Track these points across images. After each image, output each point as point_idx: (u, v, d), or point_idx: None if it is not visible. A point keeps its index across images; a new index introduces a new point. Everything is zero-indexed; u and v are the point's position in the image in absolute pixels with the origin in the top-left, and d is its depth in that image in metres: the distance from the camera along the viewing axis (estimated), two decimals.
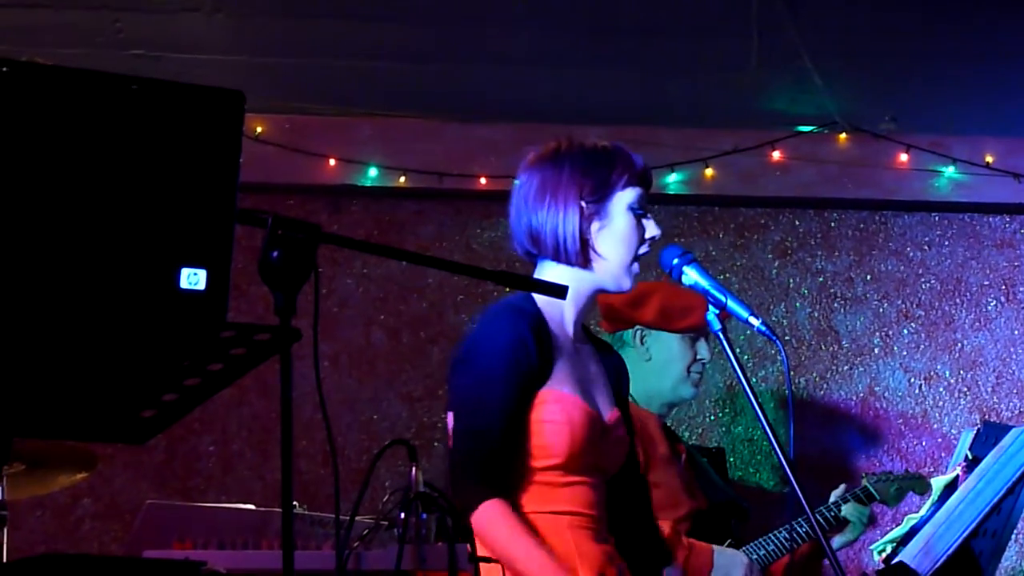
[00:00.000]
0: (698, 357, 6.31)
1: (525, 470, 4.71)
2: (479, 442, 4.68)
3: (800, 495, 4.99)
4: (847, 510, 6.36)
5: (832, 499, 6.36)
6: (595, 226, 4.78)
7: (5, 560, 3.69)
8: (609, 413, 4.91)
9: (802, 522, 6.20)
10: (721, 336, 4.90)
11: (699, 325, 5.25)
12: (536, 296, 4.80)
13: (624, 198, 4.83)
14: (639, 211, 4.82)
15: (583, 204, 4.79)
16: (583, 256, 4.78)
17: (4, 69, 3.25)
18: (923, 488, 6.17)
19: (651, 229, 4.84)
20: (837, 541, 6.26)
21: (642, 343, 6.20)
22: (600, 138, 4.88)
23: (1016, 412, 7.13)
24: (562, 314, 4.85)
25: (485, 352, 4.75)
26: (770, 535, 6.38)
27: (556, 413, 4.72)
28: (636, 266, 4.86)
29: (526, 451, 4.67)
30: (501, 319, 4.77)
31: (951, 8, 6.75)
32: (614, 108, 6.74)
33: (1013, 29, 6.88)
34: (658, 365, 6.25)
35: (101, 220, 3.39)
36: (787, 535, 6.35)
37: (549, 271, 4.85)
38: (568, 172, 4.81)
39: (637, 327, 6.21)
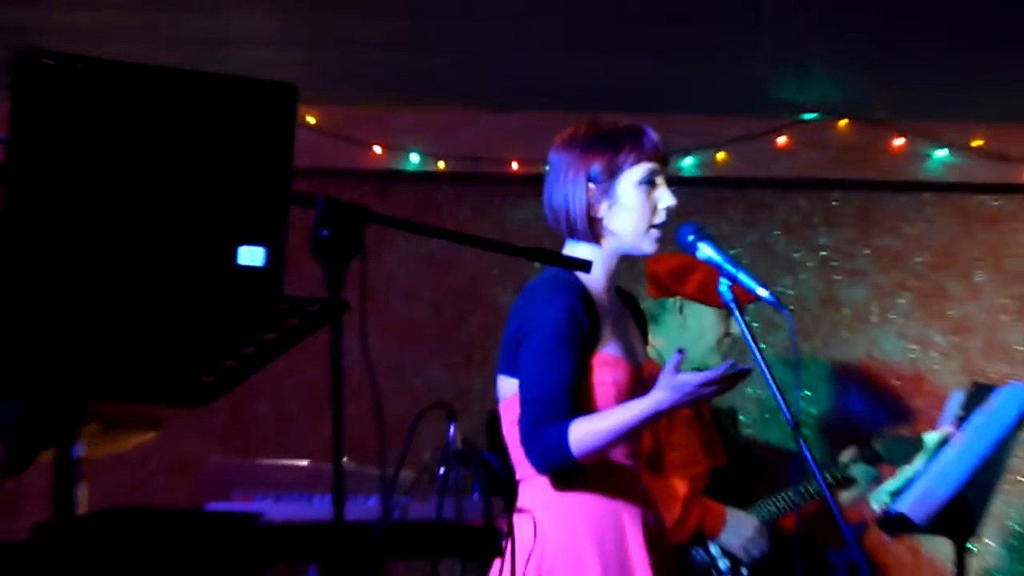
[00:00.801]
0: (730, 331, 6.32)
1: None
2: (547, 408, 4.73)
3: (808, 455, 4.97)
4: (856, 470, 6.36)
5: (841, 460, 6.36)
6: (604, 205, 4.82)
7: (84, 512, 3.69)
8: (647, 365, 4.95)
9: (810, 480, 6.20)
10: (732, 305, 4.92)
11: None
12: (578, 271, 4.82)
13: (632, 176, 4.85)
14: (648, 183, 4.84)
15: (590, 186, 4.81)
16: (593, 234, 4.83)
17: (80, 66, 3.25)
18: (922, 449, 6.17)
19: (665, 199, 4.85)
20: (846, 497, 6.26)
21: (681, 312, 6.22)
22: (630, 122, 4.92)
23: (1002, 374, 7.11)
24: (599, 282, 4.87)
25: (544, 326, 4.80)
26: (780, 493, 6.38)
27: (606, 375, 4.82)
28: (655, 232, 4.87)
29: (584, 411, 4.70)
30: (553, 294, 4.81)
31: (942, 4, 6.74)
32: (636, 96, 6.74)
33: (997, 23, 6.87)
34: (693, 334, 6.26)
35: (169, 203, 3.39)
36: (796, 493, 6.34)
37: (574, 246, 4.88)
38: (577, 156, 4.90)
39: (678, 298, 6.23)
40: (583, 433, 4.61)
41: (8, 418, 4.32)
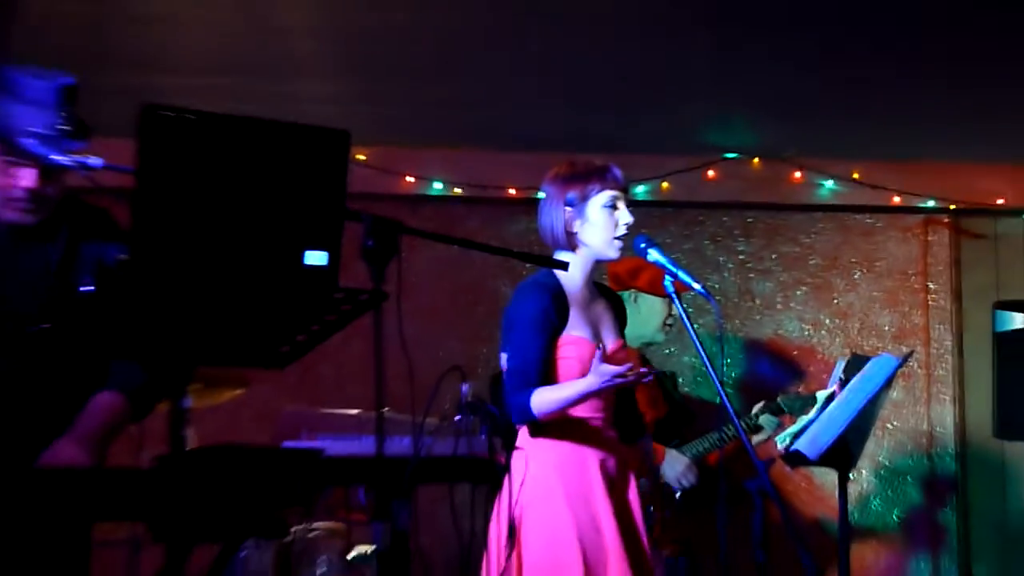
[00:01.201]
0: (672, 314, 6.38)
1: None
2: (523, 377, 4.84)
3: (729, 408, 5.05)
4: (764, 419, 6.41)
5: (753, 411, 6.40)
6: (577, 223, 4.96)
7: (191, 448, 3.70)
8: (612, 345, 5.06)
9: (730, 426, 6.24)
10: (674, 295, 5.00)
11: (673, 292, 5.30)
12: (557, 270, 4.97)
13: (599, 200, 4.98)
14: (611, 206, 4.96)
15: (567, 209, 4.92)
16: (571, 244, 4.95)
17: (190, 117, 3.27)
18: (814, 403, 6.18)
19: (624, 217, 5.01)
20: (755, 440, 6.29)
21: (635, 302, 6.27)
22: (599, 163, 5.01)
23: (874, 348, 7.14)
24: (576, 280, 4.98)
25: (522, 319, 4.98)
26: (706, 436, 6.43)
27: (571, 352, 4.88)
28: (618, 242, 5.02)
29: (554, 379, 4.78)
30: (531, 294, 5.02)
31: (829, 73, 6.75)
32: (602, 139, 6.75)
33: (869, 82, 6.88)
34: (644, 317, 6.31)
35: (256, 219, 3.42)
36: (719, 436, 6.40)
37: (559, 254, 4.98)
38: (559, 187, 5.06)
39: (633, 290, 6.28)
40: (541, 400, 4.80)
41: (134, 379, 4.33)
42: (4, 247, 4.25)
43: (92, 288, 4.21)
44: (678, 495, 6.32)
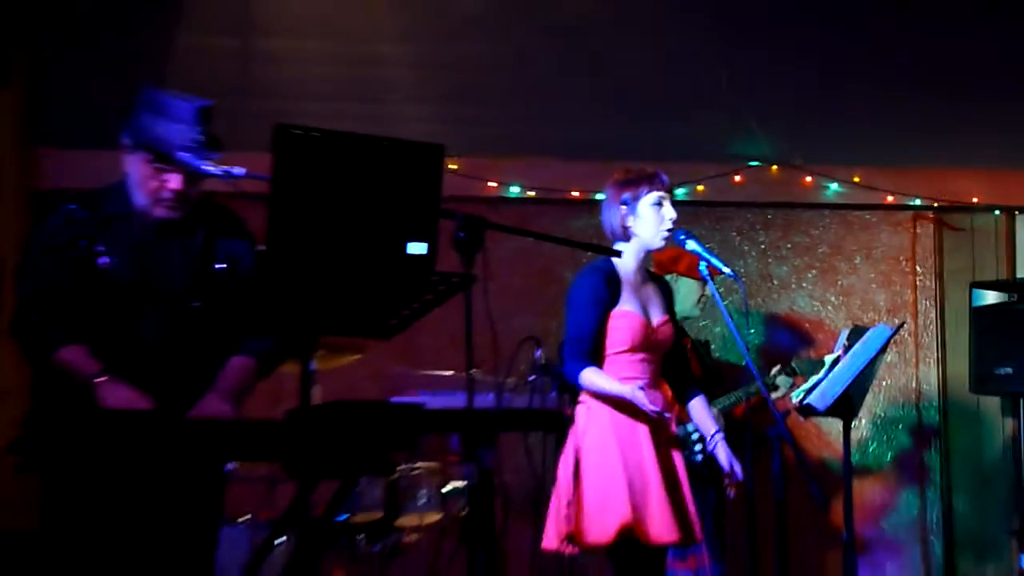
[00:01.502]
0: (704, 295, 6.33)
1: (607, 354, 4.85)
2: (579, 345, 4.83)
3: (753, 369, 4.99)
4: (780, 379, 6.38)
5: (772, 372, 6.35)
6: (630, 220, 4.93)
7: (317, 402, 3.69)
8: (658, 320, 5.00)
9: (753, 385, 6.19)
10: (708, 278, 4.97)
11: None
12: (612, 257, 4.97)
13: (648, 200, 4.94)
14: (658, 205, 4.94)
15: (622, 208, 4.89)
16: (625, 237, 4.90)
17: (315, 134, 3.26)
18: (822, 366, 6.12)
19: (668, 213, 4.99)
20: (774, 396, 6.25)
21: (675, 283, 6.19)
22: (650, 169, 4.99)
23: (872, 320, 7.06)
24: (629, 265, 4.98)
25: (579, 298, 5.00)
26: (733, 392, 6.39)
27: (622, 323, 4.84)
28: (663, 235, 4.99)
29: (606, 344, 4.73)
30: (586, 277, 4.99)
31: (833, 91, 6.71)
32: (649, 150, 6.66)
33: (868, 96, 6.85)
34: (683, 296, 6.25)
35: (368, 217, 3.40)
36: (744, 392, 6.36)
37: (617, 244, 4.99)
38: (615, 190, 5.04)
39: (674, 274, 6.23)
40: (588, 379, 4.82)
41: (261, 346, 4.35)
42: (156, 239, 4.27)
43: (224, 267, 4.24)
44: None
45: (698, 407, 5.21)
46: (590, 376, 4.78)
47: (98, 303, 4.16)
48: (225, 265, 4.25)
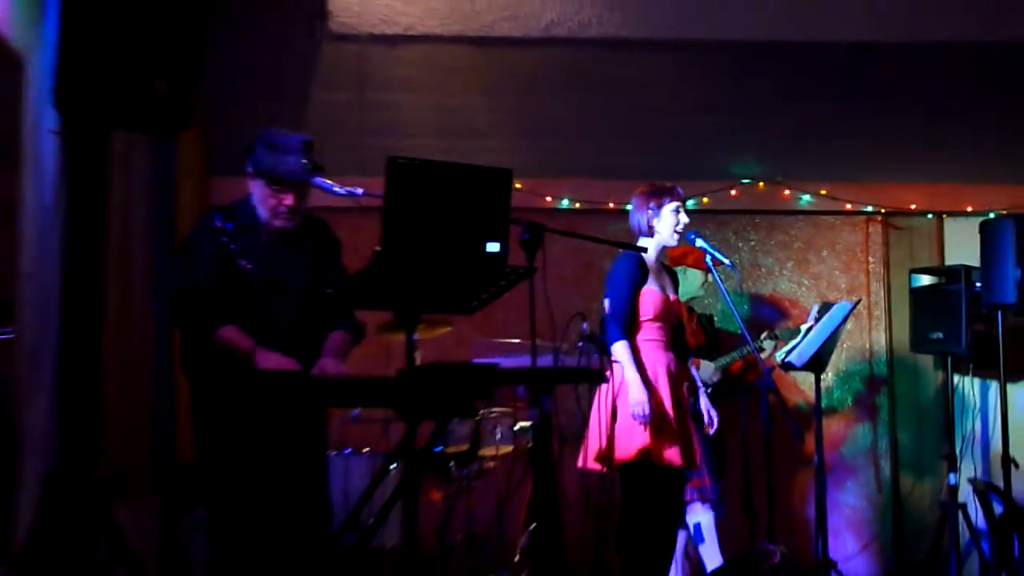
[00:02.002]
0: (707, 281, 6.28)
1: (639, 322, 4.91)
2: (616, 317, 4.81)
3: (746, 335, 4.92)
4: (766, 343, 6.31)
5: (761, 338, 6.28)
6: (655, 221, 4.89)
7: (419, 364, 3.69)
8: (673, 297, 4.99)
9: (746, 347, 6.13)
10: (711, 267, 4.91)
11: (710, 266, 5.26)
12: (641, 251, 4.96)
13: (670, 207, 4.92)
14: (676, 211, 4.91)
15: (649, 211, 4.87)
16: (649, 234, 4.87)
17: (416, 163, 3.24)
18: (798, 333, 6.06)
19: (683, 219, 4.97)
20: (762, 355, 6.18)
21: (684, 273, 6.13)
22: (670, 185, 4.96)
23: (836, 298, 6.98)
24: (652, 257, 5.00)
25: (617, 278, 5.00)
26: (730, 353, 6.34)
27: (648, 299, 4.84)
28: (677, 236, 4.95)
29: (638, 314, 4.77)
30: (621, 262, 4.96)
31: (809, 124, 6.66)
32: (667, 171, 6.56)
33: (833, 129, 6.81)
34: (688, 282, 6.20)
35: (457, 224, 3.38)
36: (738, 353, 6.29)
37: (642, 241, 4.95)
38: (642, 199, 5.00)
39: (683, 266, 6.17)
40: (616, 351, 4.81)
41: (352, 324, 4.41)
42: (279, 245, 4.31)
43: (331, 291, 4.30)
44: (708, 388, 6.24)
45: (690, 368, 5.30)
46: (618, 349, 4.78)
47: (240, 294, 4.21)
48: (331, 291, 4.32)
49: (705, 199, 7.22)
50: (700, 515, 5.87)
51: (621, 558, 4.92)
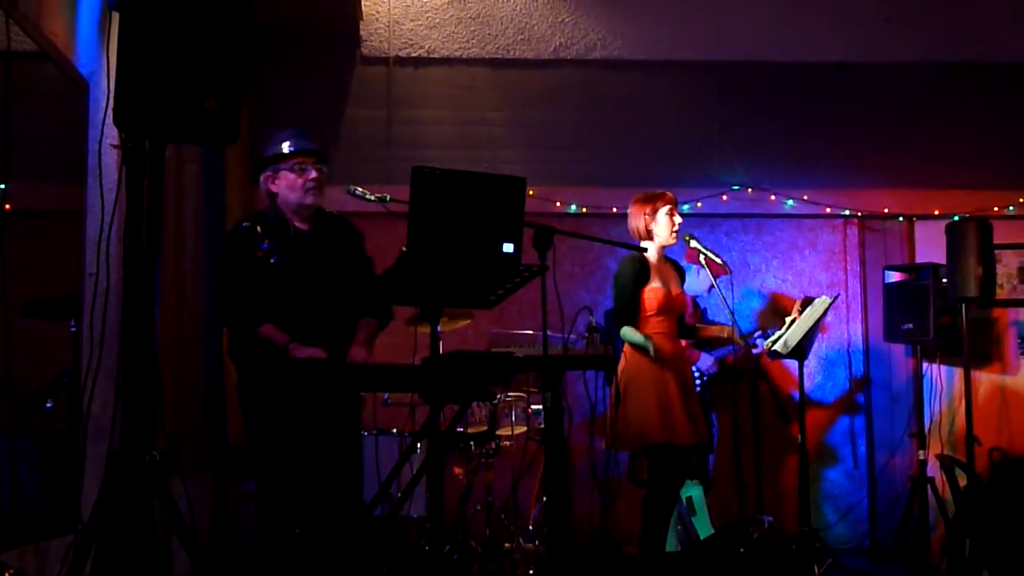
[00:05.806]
0: (715, 285, 6.25)
1: (643, 315, 4.83)
2: (620, 312, 4.79)
3: (738, 328, 4.87)
4: (757, 334, 6.27)
5: (755, 335, 6.24)
6: (652, 224, 4.83)
7: (442, 353, 3.67)
8: (675, 291, 4.95)
9: (740, 341, 6.07)
10: (705, 265, 4.87)
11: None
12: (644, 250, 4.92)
13: (664, 211, 4.86)
14: (670, 214, 4.89)
15: (645, 217, 4.84)
16: (648, 237, 4.84)
17: (438, 172, 3.23)
18: (784, 325, 6.04)
19: (677, 221, 4.91)
20: (755, 351, 6.15)
21: (697, 273, 6.11)
22: (661, 191, 4.92)
23: (817, 293, 6.93)
24: (653, 255, 4.94)
25: (622, 277, 4.88)
26: (725, 347, 6.29)
27: (651, 295, 4.81)
28: (673, 236, 4.93)
29: (642, 308, 4.73)
30: (628, 264, 4.91)
31: (792, 136, 6.64)
32: (664, 179, 6.58)
33: (814, 142, 6.79)
34: (698, 282, 6.20)
35: (476, 227, 3.36)
36: (733, 346, 6.25)
37: (641, 242, 4.93)
38: (640, 205, 4.95)
39: (696, 265, 6.13)
40: (625, 332, 4.79)
41: (381, 312, 4.40)
42: (305, 241, 4.32)
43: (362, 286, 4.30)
44: (705, 377, 6.20)
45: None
46: (626, 331, 4.77)
47: (275, 289, 4.22)
48: (360, 282, 4.34)
49: (699, 204, 7.19)
50: (691, 489, 5.85)
51: (643, 524, 4.88)
